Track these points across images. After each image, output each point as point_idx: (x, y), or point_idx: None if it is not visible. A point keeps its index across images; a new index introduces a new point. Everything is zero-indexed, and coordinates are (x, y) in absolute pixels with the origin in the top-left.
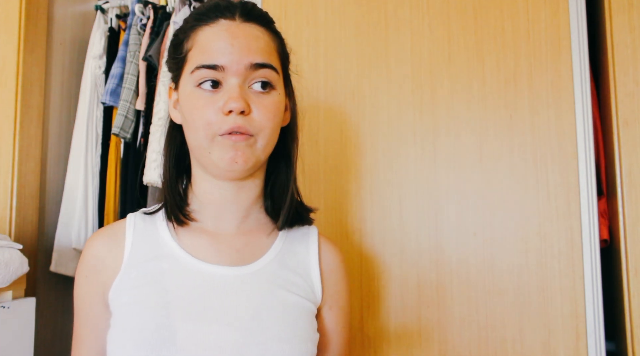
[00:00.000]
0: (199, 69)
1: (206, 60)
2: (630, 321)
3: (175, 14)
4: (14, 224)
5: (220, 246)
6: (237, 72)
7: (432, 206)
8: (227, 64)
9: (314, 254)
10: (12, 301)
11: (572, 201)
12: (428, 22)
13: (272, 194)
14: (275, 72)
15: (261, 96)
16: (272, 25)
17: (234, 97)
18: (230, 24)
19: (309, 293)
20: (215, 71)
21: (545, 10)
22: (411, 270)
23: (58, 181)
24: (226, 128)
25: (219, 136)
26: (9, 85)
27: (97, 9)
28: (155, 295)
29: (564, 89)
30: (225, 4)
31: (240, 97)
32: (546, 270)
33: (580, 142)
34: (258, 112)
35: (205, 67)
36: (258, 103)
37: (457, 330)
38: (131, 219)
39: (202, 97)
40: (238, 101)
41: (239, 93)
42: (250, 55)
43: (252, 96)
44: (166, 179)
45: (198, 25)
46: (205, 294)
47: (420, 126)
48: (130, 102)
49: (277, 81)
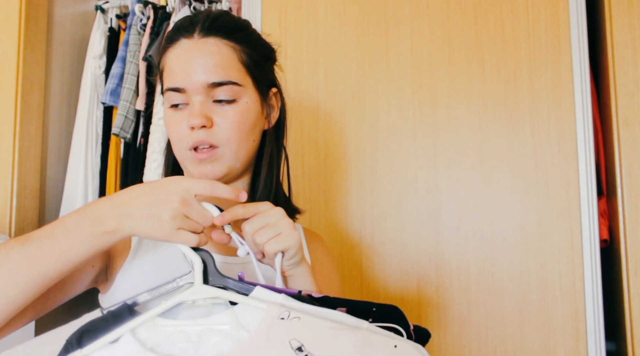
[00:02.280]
0: (167, 92)
1: (170, 83)
2: (630, 321)
3: (175, 14)
4: (14, 224)
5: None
6: (197, 91)
7: (432, 206)
8: (186, 86)
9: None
10: None
11: (572, 201)
12: (428, 22)
13: (255, 196)
14: (236, 86)
15: (225, 107)
16: (237, 34)
17: (194, 115)
18: (189, 43)
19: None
20: (179, 93)
21: (545, 10)
22: (411, 270)
23: (58, 181)
24: (191, 143)
25: (189, 151)
26: (9, 85)
27: (97, 9)
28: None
29: (564, 89)
30: (188, 22)
31: (200, 114)
32: (546, 270)
33: (580, 142)
34: (222, 123)
35: (171, 90)
36: (222, 114)
37: (457, 330)
38: None
39: (174, 117)
40: (197, 117)
41: (199, 110)
42: (206, 74)
43: (216, 108)
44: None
45: (166, 48)
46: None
47: (420, 126)
48: (130, 102)
49: (241, 92)
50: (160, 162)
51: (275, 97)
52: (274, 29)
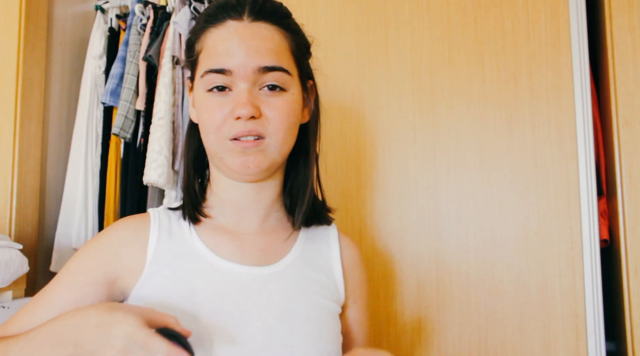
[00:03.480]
0: (207, 74)
1: (214, 64)
2: (630, 321)
3: (175, 14)
4: (14, 224)
5: (243, 246)
6: (245, 76)
7: (432, 206)
8: (234, 68)
9: (336, 251)
10: (12, 301)
11: (572, 201)
12: (428, 22)
13: (291, 192)
14: (286, 74)
15: (272, 98)
16: (286, 20)
17: (241, 103)
18: (237, 25)
19: (334, 291)
20: (223, 75)
21: (545, 10)
22: (411, 270)
23: (58, 181)
24: (235, 133)
25: (229, 141)
26: (9, 85)
27: (97, 9)
28: (183, 299)
29: (564, 89)
30: (234, 3)
31: (249, 103)
32: (546, 270)
33: (580, 142)
34: (270, 113)
35: (213, 72)
36: (269, 104)
37: (457, 330)
38: (155, 215)
39: (212, 102)
40: (245, 106)
41: (247, 98)
42: (258, 58)
43: (263, 97)
44: (184, 177)
45: (207, 27)
46: (232, 295)
47: (420, 126)
48: (130, 102)
49: (290, 81)
50: (160, 162)
51: (311, 90)
52: None
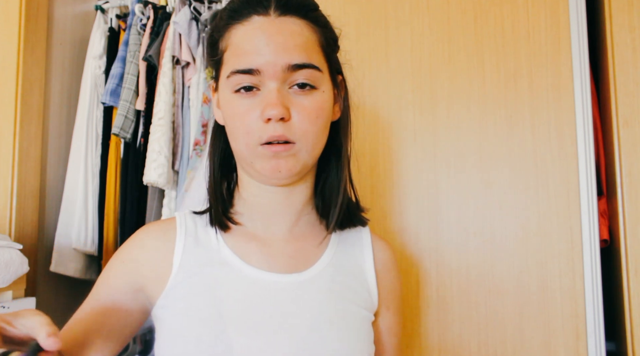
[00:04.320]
0: (234, 74)
1: (241, 64)
2: (630, 321)
3: (175, 14)
4: (14, 224)
5: (272, 252)
6: (275, 75)
7: (432, 206)
8: (262, 67)
9: (369, 255)
10: (12, 301)
11: (572, 201)
12: (428, 22)
13: (323, 194)
14: (317, 71)
15: (302, 97)
16: (314, 13)
17: (271, 104)
18: (264, 20)
19: (367, 299)
20: (251, 75)
21: (545, 10)
22: (411, 270)
23: (58, 181)
24: (266, 138)
25: (260, 146)
26: (9, 85)
27: (97, 9)
28: (210, 307)
29: (564, 89)
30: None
31: (279, 103)
32: (546, 270)
33: (580, 142)
34: (299, 116)
35: (240, 73)
36: (298, 105)
37: (457, 330)
38: (181, 220)
39: (240, 104)
40: (276, 107)
41: (277, 98)
42: (287, 55)
43: (292, 97)
44: (210, 181)
45: (231, 24)
46: (260, 304)
47: (420, 126)
48: (130, 102)
49: (320, 78)
50: (160, 162)
51: (341, 86)
52: None
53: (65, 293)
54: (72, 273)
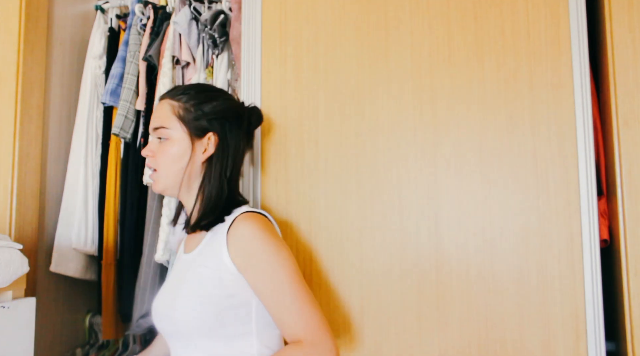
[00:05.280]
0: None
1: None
2: (630, 321)
3: (175, 14)
4: (14, 224)
5: (187, 241)
6: (152, 132)
7: (432, 206)
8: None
9: (223, 235)
10: (12, 301)
11: (572, 201)
12: (428, 22)
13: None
14: (166, 130)
15: (160, 144)
16: (179, 95)
17: (145, 149)
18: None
19: (220, 264)
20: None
21: (545, 10)
22: (411, 270)
23: (58, 181)
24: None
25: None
26: (9, 85)
27: (97, 9)
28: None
29: (564, 89)
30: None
31: (148, 148)
32: (546, 270)
33: (580, 142)
34: (158, 154)
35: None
36: (158, 148)
37: (457, 330)
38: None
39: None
40: (145, 151)
41: (149, 145)
42: (154, 122)
43: (158, 144)
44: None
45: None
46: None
47: (420, 126)
48: (130, 102)
49: (171, 134)
50: None
51: (197, 138)
52: (273, 29)
53: (65, 293)
54: (72, 273)
